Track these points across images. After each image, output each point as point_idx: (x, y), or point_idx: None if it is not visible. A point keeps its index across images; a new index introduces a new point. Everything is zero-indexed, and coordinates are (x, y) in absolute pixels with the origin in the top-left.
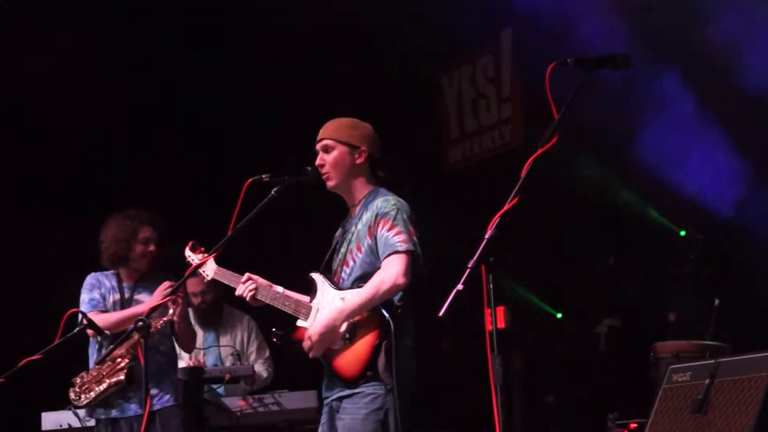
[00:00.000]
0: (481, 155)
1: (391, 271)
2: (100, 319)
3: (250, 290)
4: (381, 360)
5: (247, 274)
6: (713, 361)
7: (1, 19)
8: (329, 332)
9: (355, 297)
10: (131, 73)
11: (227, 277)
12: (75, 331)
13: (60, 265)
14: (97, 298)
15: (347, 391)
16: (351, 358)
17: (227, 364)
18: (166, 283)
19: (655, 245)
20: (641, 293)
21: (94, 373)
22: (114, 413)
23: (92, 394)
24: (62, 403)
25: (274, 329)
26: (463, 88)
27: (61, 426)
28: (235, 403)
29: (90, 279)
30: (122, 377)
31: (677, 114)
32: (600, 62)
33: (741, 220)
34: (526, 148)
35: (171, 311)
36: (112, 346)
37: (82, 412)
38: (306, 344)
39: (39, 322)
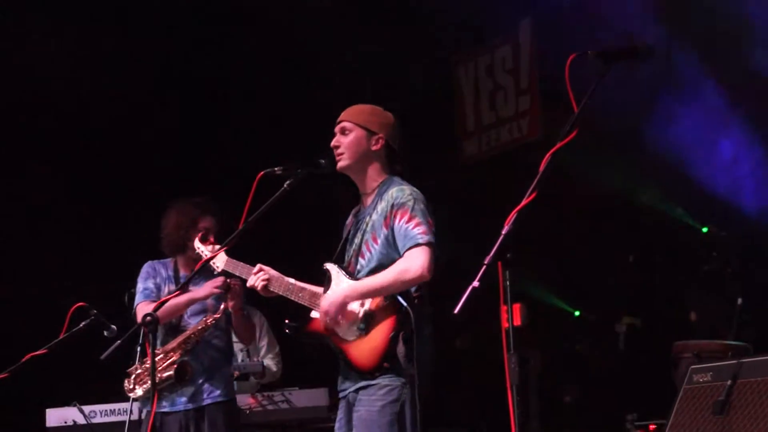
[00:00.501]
0: (498, 148)
1: (416, 263)
2: (150, 310)
3: (263, 280)
4: (400, 351)
5: (258, 265)
6: (736, 361)
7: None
8: (341, 305)
9: (372, 278)
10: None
11: (238, 268)
12: (82, 325)
13: (69, 258)
14: (151, 287)
15: (363, 383)
16: (367, 348)
17: (239, 359)
18: (220, 279)
19: (676, 242)
20: (662, 291)
21: (148, 365)
22: (164, 406)
23: (147, 386)
24: (68, 399)
25: (286, 320)
26: (480, 79)
27: (65, 423)
28: (243, 400)
29: (146, 267)
30: (172, 372)
31: (701, 104)
32: (621, 54)
33: (765, 216)
34: (544, 142)
35: (222, 306)
36: (118, 341)
37: (87, 409)
38: (321, 317)
39: (46, 315)
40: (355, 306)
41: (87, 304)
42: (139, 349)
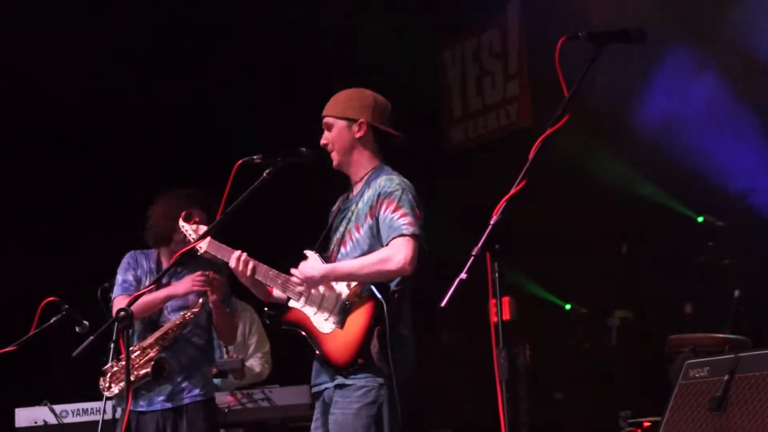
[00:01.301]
0: (485, 136)
1: (398, 255)
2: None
3: (245, 261)
4: (374, 347)
5: (239, 251)
6: (733, 355)
7: None
8: (314, 280)
9: (351, 262)
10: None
11: (221, 250)
12: (53, 320)
13: (40, 251)
14: (130, 280)
15: (339, 380)
16: (342, 342)
17: (224, 354)
18: (199, 273)
19: (671, 232)
20: (656, 283)
21: (124, 363)
22: (141, 405)
23: (123, 384)
24: (37, 397)
25: (265, 309)
26: (466, 65)
27: (36, 423)
28: (222, 399)
29: (127, 258)
30: (149, 369)
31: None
32: (613, 36)
33: (762, 204)
34: (534, 129)
35: (201, 300)
36: (91, 338)
37: (58, 408)
38: (299, 278)
39: (15, 311)
40: (332, 296)
41: (58, 298)
42: (113, 345)
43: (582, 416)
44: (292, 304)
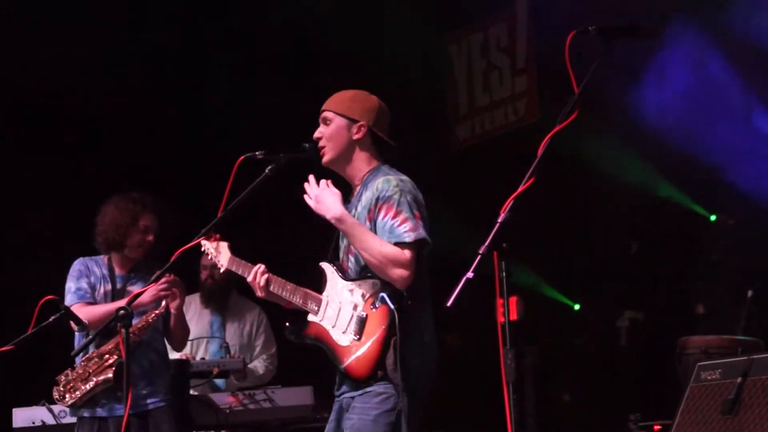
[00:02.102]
0: (492, 132)
1: (398, 270)
2: (85, 313)
3: (262, 273)
4: (389, 357)
5: (260, 264)
6: (746, 357)
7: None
8: (323, 208)
9: (368, 235)
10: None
11: (241, 267)
12: (51, 319)
13: (38, 247)
14: (85, 288)
15: (359, 392)
16: (360, 355)
17: (227, 355)
18: (163, 281)
19: (682, 230)
20: (667, 283)
21: (80, 371)
22: (100, 412)
23: (77, 393)
24: (36, 398)
25: (286, 324)
26: (473, 59)
27: (33, 423)
28: (223, 399)
29: (78, 265)
30: (110, 375)
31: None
32: (624, 31)
33: None
34: (542, 125)
35: (164, 303)
36: (89, 337)
37: (57, 408)
38: (313, 199)
39: (12, 309)
40: (348, 308)
41: (57, 297)
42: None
43: (590, 419)
44: (310, 318)
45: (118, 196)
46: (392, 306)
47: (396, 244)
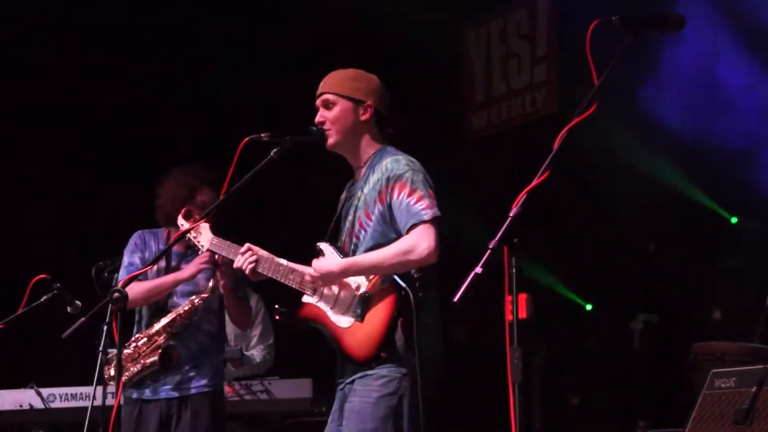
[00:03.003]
0: (509, 122)
1: (422, 244)
2: (130, 289)
3: (250, 262)
4: (398, 338)
5: (247, 245)
6: (762, 366)
7: None
8: (331, 276)
9: (373, 254)
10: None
11: (225, 248)
12: (43, 299)
13: (31, 227)
14: (137, 263)
15: (360, 374)
16: (362, 336)
17: (231, 342)
18: (205, 254)
19: (702, 232)
20: (683, 286)
21: (130, 351)
22: (147, 394)
23: (127, 374)
24: (24, 379)
25: (276, 306)
26: (492, 46)
27: (21, 406)
28: None
29: (135, 238)
30: (156, 358)
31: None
32: (649, 21)
33: None
34: (560, 116)
35: (211, 284)
36: (82, 319)
37: (45, 392)
38: (312, 274)
39: (4, 288)
40: (350, 288)
41: (49, 276)
42: (105, 328)
43: (599, 424)
44: (306, 299)
45: (180, 169)
46: (404, 285)
47: (415, 225)
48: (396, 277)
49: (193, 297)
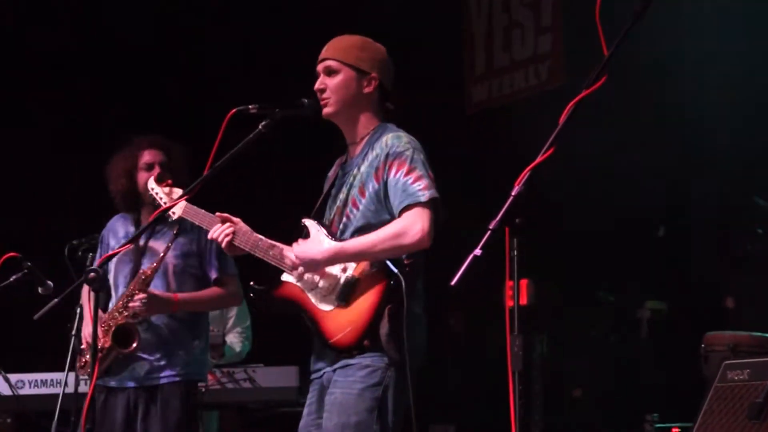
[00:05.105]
0: (511, 96)
1: (415, 227)
2: None
3: (227, 234)
4: (383, 327)
5: (224, 215)
6: None
7: None
8: (315, 263)
9: (362, 239)
10: None
11: (199, 216)
12: (12, 279)
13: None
14: (112, 246)
15: (341, 363)
16: (345, 321)
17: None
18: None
19: (716, 214)
20: (695, 272)
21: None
22: (111, 383)
23: (105, 361)
24: None
25: (251, 283)
26: (494, 14)
27: None
28: None
29: (109, 223)
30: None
31: None
32: None
33: None
34: (566, 90)
35: (162, 253)
36: (55, 300)
37: (14, 378)
38: (292, 260)
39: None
40: (335, 270)
41: (20, 255)
42: (78, 310)
43: (603, 417)
44: (285, 277)
45: (118, 149)
46: (395, 270)
47: (410, 205)
48: (388, 263)
49: (140, 272)
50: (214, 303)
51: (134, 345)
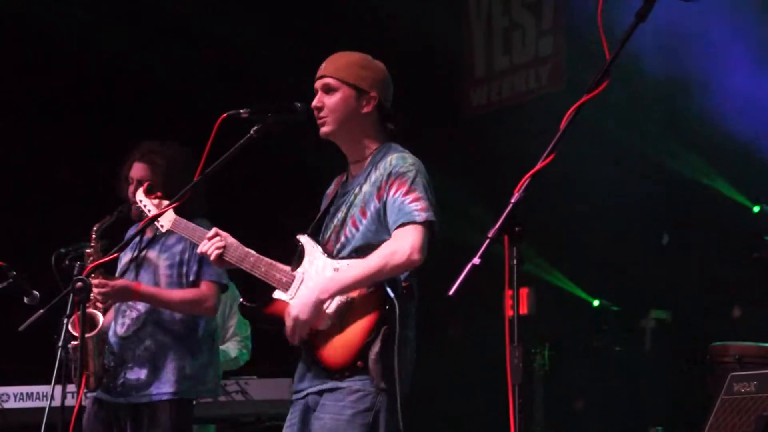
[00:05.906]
0: (511, 99)
1: (405, 244)
2: None
3: (217, 248)
4: (375, 349)
5: (214, 229)
6: None
7: None
8: (316, 308)
9: (355, 267)
10: None
11: (188, 230)
12: None
13: None
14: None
15: (330, 384)
16: (339, 344)
17: None
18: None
19: (720, 222)
20: (700, 281)
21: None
22: (98, 393)
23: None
24: None
25: (242, 300)
26: (494, 16)
27: None
28: None
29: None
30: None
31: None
32: None
33: None
34: (567, 94)
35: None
36: (41, 311)
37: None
38: (288, 324)
39: None
40: None
41: (5, 264)
42: (66, 321)
43: (606, 430)
44: (278, 295)
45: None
46: (391, 294)
47: (404, 224)
48: (385, 285)
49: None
50: (182, 305)
51: (97, 329)
